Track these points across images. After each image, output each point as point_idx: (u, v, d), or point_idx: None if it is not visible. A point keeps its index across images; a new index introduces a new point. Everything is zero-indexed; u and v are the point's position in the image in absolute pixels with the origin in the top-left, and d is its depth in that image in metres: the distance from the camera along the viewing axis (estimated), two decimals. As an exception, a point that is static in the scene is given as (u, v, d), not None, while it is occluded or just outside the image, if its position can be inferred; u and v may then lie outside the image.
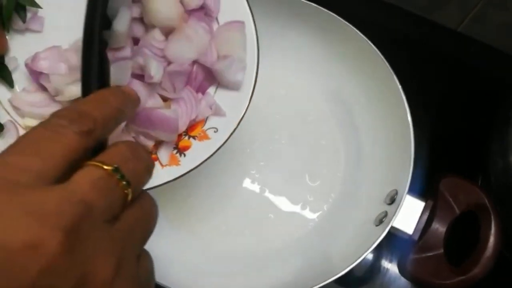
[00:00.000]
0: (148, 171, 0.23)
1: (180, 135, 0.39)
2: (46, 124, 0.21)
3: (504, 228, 0.47)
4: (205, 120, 0.39)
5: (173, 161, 0.38)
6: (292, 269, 0.50)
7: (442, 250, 0.46)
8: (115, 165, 0.21)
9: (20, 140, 0.20)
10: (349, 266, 0.42)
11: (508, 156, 0.51)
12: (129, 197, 0.21)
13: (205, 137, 0.39)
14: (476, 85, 0.65)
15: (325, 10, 0.51)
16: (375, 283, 0.54)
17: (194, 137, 0.39)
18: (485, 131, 0.56)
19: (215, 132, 0.39)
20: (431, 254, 0.46)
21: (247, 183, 0.54)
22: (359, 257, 0.42)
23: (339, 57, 0.56)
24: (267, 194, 0.54)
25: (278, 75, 0.60)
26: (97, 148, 0.23)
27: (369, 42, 0.50)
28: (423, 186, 0.48)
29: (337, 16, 0.51)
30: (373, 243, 0.43)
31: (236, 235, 0.52)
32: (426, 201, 0.46)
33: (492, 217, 0.47)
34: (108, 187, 0.20)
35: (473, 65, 0.66)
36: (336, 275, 0.42)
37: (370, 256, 0.55)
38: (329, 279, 0.42)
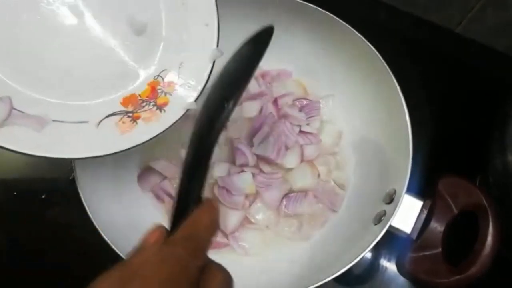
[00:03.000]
0: None
1: (156, 93, 0.42)
2: (171, 257, 0.25)
3: (503, 227, 0.47)
4: (178, 76, 0.42)
5: (155, 118, 0.41)
6: (291, 267, 0.50)
7: (440, 249, 0.47)
8: None
9: (156, 275, 0.24)
10: (348, 264, 0.42)
11: (507, 156, 0.51)
12: None
13: (180, 92, 0.42)
14: (476, 85, 0.65)
15: (324, 11, 0.52)
16: (374, 282, 0.54)
17: (170, 93, 0.42)
18: (484, 131, 0.56)
19: (189, 87, 0.42)
20: (429, 253, 0.47)
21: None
22: (358, 256, 0.43)
23: (338, 58, 0.56)
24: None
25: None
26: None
27: (368, 43, 0.50)
28: (422, 186, 0.48)
29: (336, 17, 0.51)
30: (372, 241, 0.43)
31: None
32: (424, 201, 0.47)
33: (490, 217, 0.47)
34: None
35: (472, 65, 0.66)
36: (335, 273, 0.42)
37: (368, 254, 0.55)
38: (328, 277, 0.42)
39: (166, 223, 0.51)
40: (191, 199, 0.28)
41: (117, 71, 0.41)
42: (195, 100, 0.42)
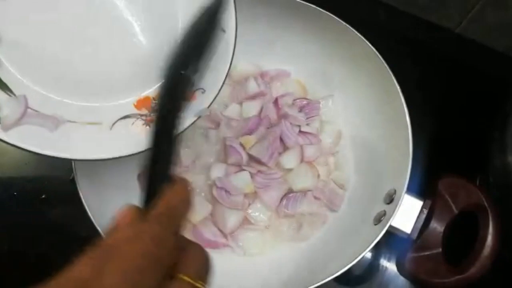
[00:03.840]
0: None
1: None
2: (146, 233, 0.25)
3: (503, 227, 0.47)
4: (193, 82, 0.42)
5: None
6: (291, 267, 0.50)
7: (440, 249, 0.47)
8: (202, 283, 0.26)
9: (136, 255, 0.23)
10: (348, 264, 0.42)
11: (507, 156, 0.51)
12: None
13: (193, 98, 0.41)
14: (475, 85, 0.65)
15: (324, 11, 0.52)
16: (374, 282, 0.54)
17: None
18: (484, 132, 0.56)
19: (202, 93, 0.41)
20: (429, 253, 0.47)
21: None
22: (358, 256, 0.43)
23: (339, 58, 0.56)
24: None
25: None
26: None
27: (368, 43, 0.50)
28: (422, 186, 0.48)
29: (337, 18, 0.52)
30: (372, 242, 0.43)
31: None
32: (424, 201, 0.47)
33: (490, 217, 0.47)
34: None
35: (472, 65, 0.66)
36: (335, 273, 0.42)
37: (368, 254, 0.55)
38: (328, 277, 0.42)
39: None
40: (162, 178, 0.28)
41: (136, 75, 0.41)
42: (208, 107, 0.42)
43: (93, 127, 0.39)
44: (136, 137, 0.39)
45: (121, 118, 0.40)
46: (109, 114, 0.40)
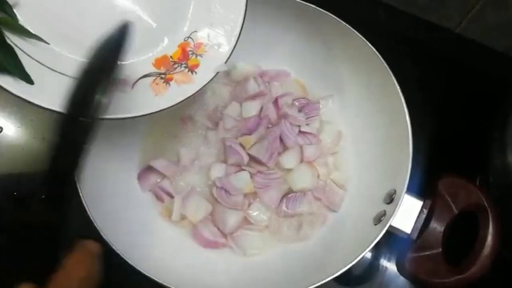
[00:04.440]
0: None
1: (187, 55, 0.43)
2: None
3: (503, 227, 0.47)
4: (208, 38, 0.43)
5: (187, 79, 0.42)
6: (290, 268, 0.50)
7: (440, 249, 0.47)
8: None
9: None
10: (348, 264, 0.42)
11: (507, 156, 0.51)
12: None
13: (210, 54, 0.42)
14: (475, 85, 0.65)
15: (325, 11, 0.52)
16: (374, 282, 0.54)
17: (200, 55, 0.43)
18: (484, 132, 0.56)
19: (218, 48, 0.43)
20: (429, 253, 0.47)
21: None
22: (358, 256, 0.43)
23: (338, 58, 0.56)
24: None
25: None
26: None
27: (368, 43, 0.50)
28: (422, 186, 0.48)
29: (337, 18, 0.52)
30: (372, 242, 0.43)
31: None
32: (424, 201, 0.47)
33: (490, 216, 0.47)
34: None
35: (472, 65, 0.66)
36: (335, 273, 0.42)
37: (368, 254, 0.55)
38: (328, 277, 0.42)
39: (164, 224, 0.52)
40: (59, 244, 0.21)
41: (142, 34, 0.42)
42: (225, 62, 0.43)
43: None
44: (158, 95, 0.41)
45: (142, 77, 0.41)
46: (130, 73, 0.41)
